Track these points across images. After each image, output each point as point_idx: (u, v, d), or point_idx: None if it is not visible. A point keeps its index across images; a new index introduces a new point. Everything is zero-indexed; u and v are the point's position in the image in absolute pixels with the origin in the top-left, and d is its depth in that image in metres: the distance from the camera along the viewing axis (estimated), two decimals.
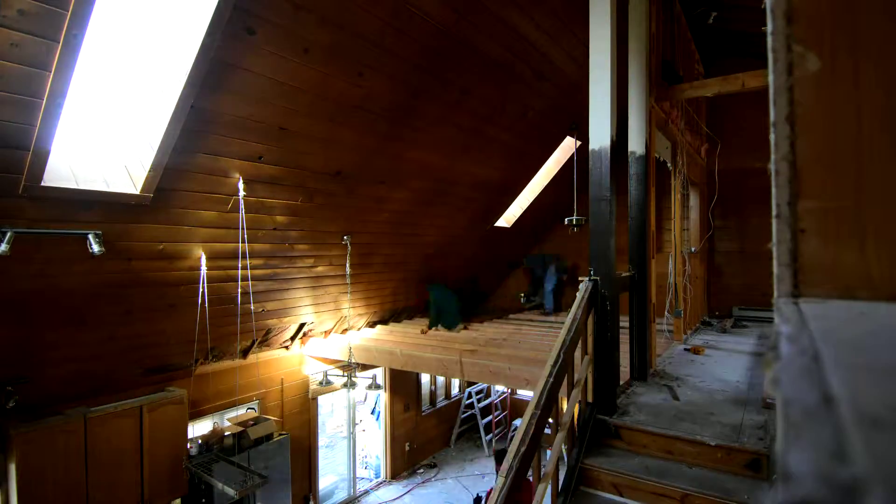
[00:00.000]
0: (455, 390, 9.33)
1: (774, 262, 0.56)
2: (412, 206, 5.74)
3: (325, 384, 5.94)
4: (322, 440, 7.23)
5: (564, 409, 2.77)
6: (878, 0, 0.54)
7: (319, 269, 5.43)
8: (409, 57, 3.94)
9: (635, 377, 3.81)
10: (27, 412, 3.87)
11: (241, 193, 3.88)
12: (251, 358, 5.63)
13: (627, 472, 2.67)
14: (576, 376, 2.90)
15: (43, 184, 3.01)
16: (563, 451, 2.70)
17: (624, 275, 3.63)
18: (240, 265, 4.18)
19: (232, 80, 3.24)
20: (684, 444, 2.76)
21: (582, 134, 6.39)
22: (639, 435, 2.90)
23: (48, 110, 2.67)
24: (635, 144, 3.94)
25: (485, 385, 9.20)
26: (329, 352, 6.21)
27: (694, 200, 6.17)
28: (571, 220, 6.06)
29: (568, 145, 7.05)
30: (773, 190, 0.55)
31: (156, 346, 4.57)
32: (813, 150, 0.54)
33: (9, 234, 3.04)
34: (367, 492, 7.25)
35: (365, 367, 6.64)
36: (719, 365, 4.35)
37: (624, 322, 3.61)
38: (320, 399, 6.75)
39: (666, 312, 5.19)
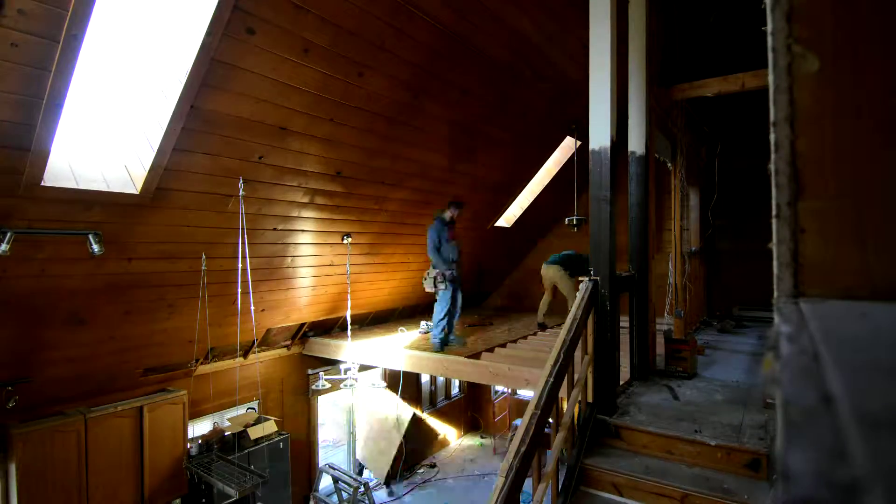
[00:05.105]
0: (455, 390, 9.33)
1: (774, 262, 0.56)
2: (412, 206, 5.74)
3: (348, 385, 5.92)
4: (322, 440, 7.22)
5: (564, 409, 2.77)
6: (878, 0, 0.54)
7: (320, 268, 5.43)
8: (409, 57, 3.94)
9: (635, 377, 3.81)
10: (27, 412, 3.87)
11: (241, 193, 3.88)
12: (251, 358, 5.63)
13: (627, 472, 2.67)
14: (576, 376, 2.90)
15: (43, 184, 3.01)
16: (563, 451, 2.70)
17: (624, 275, 3.63)
18: (240, 265, 4.18)
19: (232, 80, 3.24)
20: (684, 444, 2.75)
21: (582, 134, 6.39)
22: (639, 435, 2.90)
23: (48, 110, 2.67)
24: (635, 144, 3.94)
25: None
26: (329, 352, 6.21)
27: (694, 200, 6.17)
28: (571, 220, 6.07)
29: (568, 145, 7.05)
30: (773, 190, 0.55)
31: (156, 346, 4.57)
32: (813, 150, 0.54)
33: (9, 235, 3.04)
34: None
35: (365, 367, 6.64)
36: (719, 365, 4.35)
37: (624, 322, 3.61)
38: (320, 399, 6.76)
39: (666, 313, 5.20)
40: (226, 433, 5.12)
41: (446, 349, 5.25)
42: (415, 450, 8.04)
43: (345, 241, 5.33)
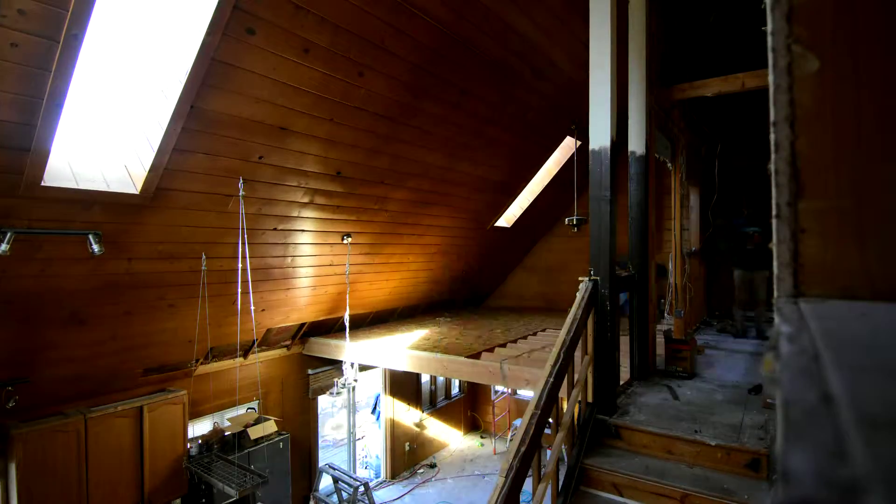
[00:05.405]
0: (455, 390, 9.33)
1: (775, 262, 0.56)
2: (412, 206, 5.74)
3: (335, 393, 5.93)
4: (322, 440, 7.22)
5: (564, 409, 2.77)
6: (878, 0, 0.54)
7: (320, 269, 5.43)
8: (409, 57, 3.94)
9: (635, 377, 3.81)
10: (27, 412, 3.87)
11: (241, 193, 3.88)
12: (251, 358, 5.63)
13: (627, 472, 2.67)
14: (576, 376, 2.90)
15: (43, 184, 3.01)
16: (563, 451, 2.70)
17: (624, 275, 3.63)
18: (240, 265, 4.18)
19: (232, 80, 3.24)
20: (684, 444, 2.75)
21: (582, 134, 6.39)
22: (639, 435, 2.90)
23: (48, 110, 2.67)
24: (635, 144, 3.94)
25: None
26: (329, 352, 6.21)
27: (694, 200, 6.17)
28: (571, 220, 6.07)
29: (568, 145, 7.05)
30: (773, 190, 0.55)
31: (156, 346, 4.57)
32: (813, 150, 0.54)
33: (9, 235, 3.04)
34: None
35: (365, 367, 6.64)
36: (719, 365, 4.35)
37: (624, 322, 3.61)
38: (320, 399, 6.75)
39: (666, 313, 5.19)
40: (226, 433, 5.12)
41: None
42: (415, 450, 8.05)
43: (345, 241, 5.33)
